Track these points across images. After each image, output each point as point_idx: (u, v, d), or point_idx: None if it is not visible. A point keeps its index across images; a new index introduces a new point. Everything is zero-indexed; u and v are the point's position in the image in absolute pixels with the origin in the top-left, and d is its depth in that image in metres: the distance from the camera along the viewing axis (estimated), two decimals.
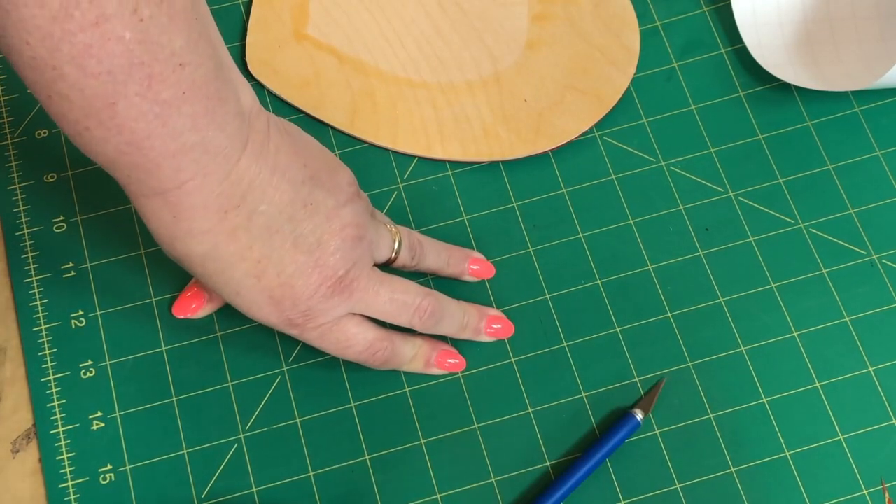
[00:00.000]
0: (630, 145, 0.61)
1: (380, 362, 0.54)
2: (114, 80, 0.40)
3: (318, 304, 0.50)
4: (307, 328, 0.51)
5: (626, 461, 0.54)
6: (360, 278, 0.51)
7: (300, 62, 0.63)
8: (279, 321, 0.50)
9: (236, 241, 0.47)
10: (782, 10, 0.63)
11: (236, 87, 0.46)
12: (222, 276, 0.49)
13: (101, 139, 0.43)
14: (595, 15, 0.64)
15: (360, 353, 0.53)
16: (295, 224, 0.49)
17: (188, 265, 0.48)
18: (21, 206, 0.60)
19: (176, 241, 0.47)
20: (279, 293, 0.49)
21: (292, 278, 0.49)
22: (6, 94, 0.63)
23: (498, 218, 0.60)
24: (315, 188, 0.49)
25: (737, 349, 0.56)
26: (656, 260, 0.59)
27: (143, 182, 0.45)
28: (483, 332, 0.56)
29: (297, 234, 0.49)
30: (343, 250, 0.50)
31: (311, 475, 0.54)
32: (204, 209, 0.46)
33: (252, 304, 0.50)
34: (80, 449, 0.55)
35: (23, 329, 0.57)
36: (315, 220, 0.49)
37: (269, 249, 0.48)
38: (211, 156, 0.45)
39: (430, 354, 0.55)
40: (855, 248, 0.59)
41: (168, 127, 0.43)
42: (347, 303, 0.51)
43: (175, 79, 0.42)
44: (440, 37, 0.64)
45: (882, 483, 0.54)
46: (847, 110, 0.62)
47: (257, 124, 0.47)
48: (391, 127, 0.62)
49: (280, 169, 0.48)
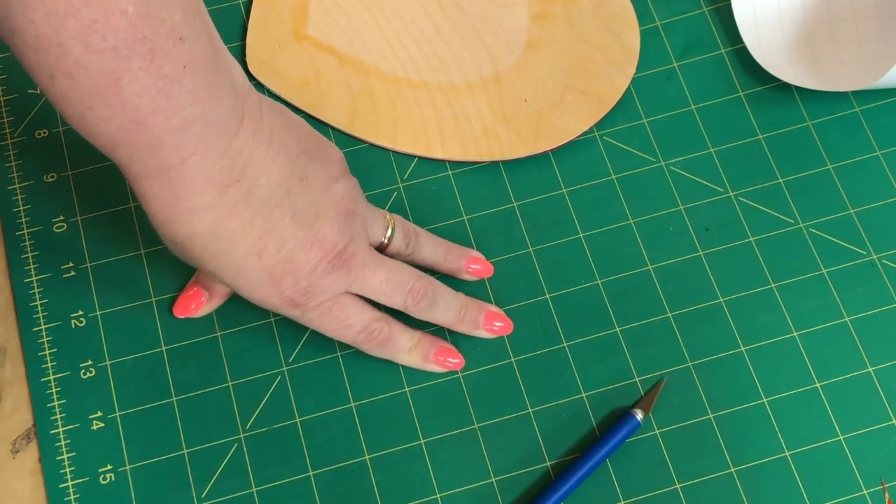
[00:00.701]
0: (630, 145, 0.61)
1: (377, 343, 0.54)
2: (118, 56, 0.41)
3: (319, 280, 0.50)
4: (309, 307, 0.51)
5: (626, 461, 0.54)
6: (358, 254, 0.51)
7: (300, 62, 0.63)
8: (280, 302, 0.51)
9: (237, 216, 0.48)
10: (782, 10, 0.63)
11: (229, 64, 0.47)
12: (224, 257, 0.49)
13: (105, 118, 0.43)
14: (595, 15, 0.64)
15: (358, 334, 0.53)
16: (293, 198, 0.49)
17: (188, 249, 0.49)
18: (21, 206, 0.60)
19: (177, 223, 0.47)
20: (280, 270, 0.49)
21: (293, 253, 0.49)
22: (6, 94, 0.63)
23: (498, 218, 0.60)
24: (309, 162, 0.50)
25: (737, 349, 0.56)
26: (656, 260, 0.59)
27: (145, 161, 0.45)
28: (481, 325, 0.56)
29: (296, 209, 0.49)
30: (339, 224, 0.51)
31: (311, 475, 0.54)
32: (205, 184, 0.46)
33: (253, 284, 0.50)
34: (80, 449, 0.55)
35: (23, 329, 0.57)
36: (311, 193, 0.50)
37: (269, 224, 0.49)
38: (211, 130, 0.45)
39: (428, 349, 0.55)
40: (855, 248, 0.59)
41: (171, 101, 0.43)
42: (346, 279, 0.51)
43: (176, 53, 0.43)
44: (440, 37, 0.64)
45: (882, 483, 0.54)
46: (847, 110, 0.62)
47: (250, 101, 0.48)
48: (391, 127, 0.62)
49: (276, 143, 0.49)
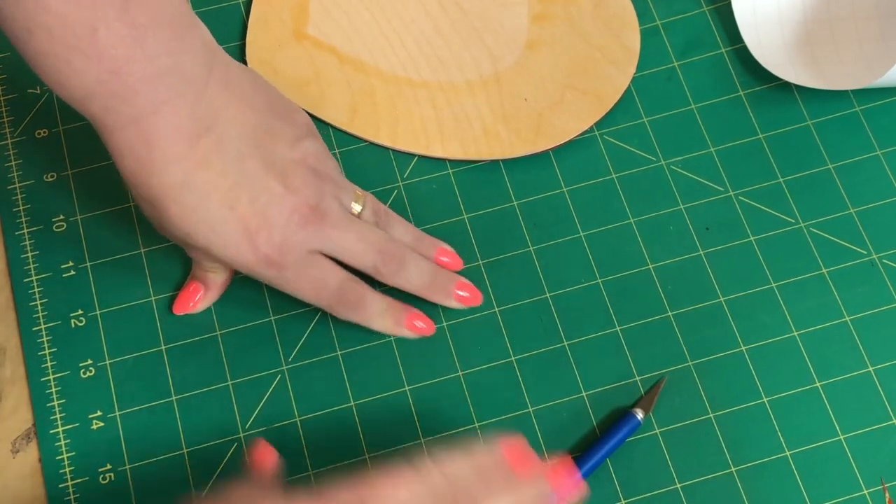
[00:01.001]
0: (630, 144, 0.61)
1: (351, 305, 0.54)
2: (93, 6, 0.43)
3: (292, 235, 0.51)
4: (285, 265, 0.51)
5: (627, 461, 0.54)
6: (331, 212, 0.52)
7: (300, 62, 0.63)
8: (256, 259, 0.51)
9: (209, 167, 0.49)
10: (782, 10, 0.63)
11: (199, 22, 0.49)
12: (197, 211, 0.49)
13: (82, 70, 0.45)
14: (595, 15, 0.64)
15: (333, 294, 0.53)
16: (262, 151, 0.50)
17: (162, 205, 0.49)
18: (21, 206, 0.60)
19: (150, 174, 0.48)
20: (254, 224, 0.50)
21: (266, 206, 0.50)
22: (6, 94, 0.63)
23: (498, 217, 0.60)
24: (275, 119, 0.52)
25: (737, 349, 0.56)
26: (657, 259, 0.59)
27: (119, 112, 0.46)
28: (452, 294, 0.56)
29: (267, 161, 0.50)
30: (309, 179, 0.52)
31: (311, 474, 0.54)
32: (177, 133, 0.47)
33: (228, 240, 0.50)
34: (80, 449, 0.55)
35: (23, 328, 0.57)
36: (279, 147, 0.51)
37: (241, 176, 0.49)
38: (184, 80, 0.47)
39: (400, 314, 0.55)
40: (855, 247, 0.59)
41: (145, 51, 0.45)
42: (318, 235, 0.52)
43: (149, 2, 0.45)
44: (440, 36, 0.64)
45: (882, 483, 0.54)
46: (847, 110, 0.62)
47: (220, 57, 0.50)
48: (391, 126, 0.62)
49: (245, 97, 0.50)
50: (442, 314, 0.57)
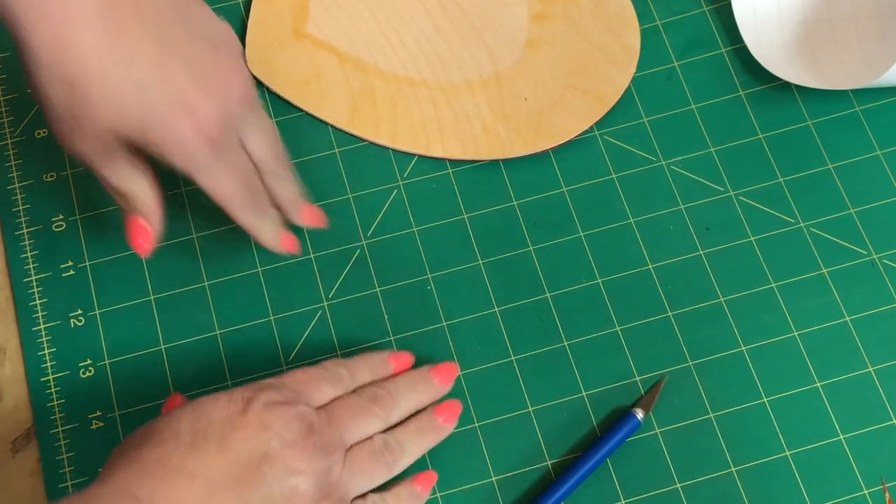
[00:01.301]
0: (630, 144, 0.61)
1: (255, 209, 0.53)
2: None
3: (233, 112, 0.49)
4: (222, 146, 0.49)
5: (627, 461, 0.54)
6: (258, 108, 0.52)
7: (300, 61, 0.63)
8: (195, 135, 0.48)
9: (129, 33, 0.46)
10: (782, 10, 0.63)
11: None
12: (125, 81, 0.46)
13: None
14: (595, 14, 0.64)
15: (248, 191, 0.52)
16: (186, 22, 0.48)
17: (83, 81, 0.46)
18: (21, 206, 0.60)
19: (65, 48, 0.45)
20: (192, 96, 0.47)
21: (204, 77, 0.48)
22: (6, 94, 0.63)
23: (498, 217, 0.60)
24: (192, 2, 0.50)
25: (737, 349, 0.56)
26: (657, 259, 0.59)
27: None
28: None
29: (194, 34, 0.48)
30: (241, 61, 0.51)
31: None
32: None
33: (165, 111, 0.47)
34: (80, 449, 0.55)
35: (22, 328, 0.57)
36: (201, 19, 0.50)
37: (167, 45, 0.47)
38: None
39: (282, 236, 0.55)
40: (855, 247, 0.59)
41: None
42: (251, 117, 0.51)
43: None
44: (440, 36, 0.64)
45: (882, 483, 0.54)
46: (847, 109, 0.62)
47: None
48: (391, 125, 0.62)
49: None
50: (442, 314, 0.57)
